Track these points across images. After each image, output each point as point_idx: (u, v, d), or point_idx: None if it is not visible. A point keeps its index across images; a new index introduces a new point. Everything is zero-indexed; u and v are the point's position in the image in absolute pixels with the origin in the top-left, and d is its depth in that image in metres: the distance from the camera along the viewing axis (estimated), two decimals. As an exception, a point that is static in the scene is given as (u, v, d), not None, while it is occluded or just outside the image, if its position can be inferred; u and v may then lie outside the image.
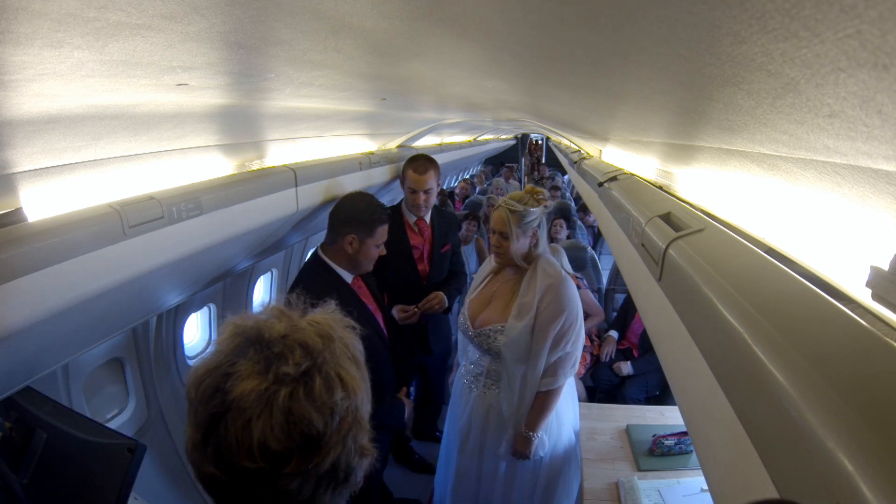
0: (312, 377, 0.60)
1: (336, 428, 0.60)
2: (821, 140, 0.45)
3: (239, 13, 0.59)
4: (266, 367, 0.59)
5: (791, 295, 0.53)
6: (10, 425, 1.30)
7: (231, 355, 0.61)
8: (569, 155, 4.85)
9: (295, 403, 0.58)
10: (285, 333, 0.62)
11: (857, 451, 0.32)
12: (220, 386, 0.59)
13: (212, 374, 0.60)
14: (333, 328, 0.67)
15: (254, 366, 0.60)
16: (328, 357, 0.62)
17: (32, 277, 0.95)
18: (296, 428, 0.58)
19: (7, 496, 1.21)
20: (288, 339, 0.62)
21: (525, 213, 1.81)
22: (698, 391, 0.67)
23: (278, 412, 0.57)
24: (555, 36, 0.64)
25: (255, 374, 0.59)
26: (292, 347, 0.61)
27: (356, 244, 1.78)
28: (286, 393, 0.58)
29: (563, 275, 1.85)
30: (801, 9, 0.30)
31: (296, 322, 0.65)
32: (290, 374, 0.59)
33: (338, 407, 0.60)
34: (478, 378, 1.98)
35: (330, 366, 0.62)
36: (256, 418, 0.57)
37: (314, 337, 0.63)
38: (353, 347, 0.68)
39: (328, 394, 0.60)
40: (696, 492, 1.78)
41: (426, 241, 2.53)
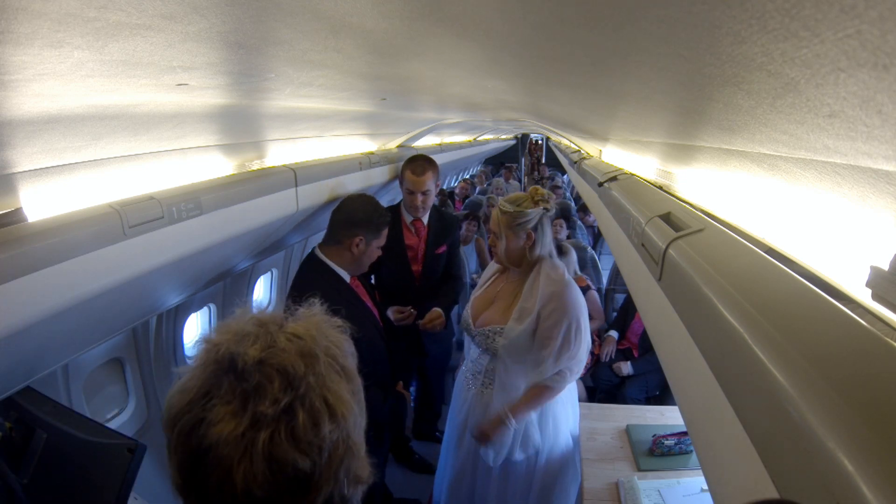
0: (294, 413, 0.54)
1: (326, 464, 0.56)
2: (821, 140, 0.45)
3: (239, 13, 0.59)
4: (242, 403, 0.54)
5: (791, 295, 0.53)
6: (10, 425, 1.30)
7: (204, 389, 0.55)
8: (569, 155, 4.85)
9: (276, 448, 0.53)
10: (261, 358, 0.56)
11: (857, 451, 0.32)
12: (196, 428, 0.54)
13: (186, 415, 0.55)
14: (317, 340, 0.60)
15: (227, 406, 0.54)
16: (312, 382, 0.56)
17: (32, 277, 0.95)
18: (280, 473, 0.53)
19: (7, 496, 1.21)
20: (265, 367, 0.55)
21: (517, 214, 1.78)
22: (698, 391, 0.67)
23: (259, 459, 0.53)
24: (555, 36, 0.64)
25: (231, 416, 0.53)
26: (270, 377, 0.55)
27: (363, 245, 1.79)
28: (265, 437, 0.53)
29: (567, 279, 1.82)
30: (801, 9, 0.30)
31: (274, 339, 0.58)
32: (268, 414, 0.53)
33: (326, 442, 0.55)
34: (476, 376, 1.98)
35: (315, 393, 0.56)
36: (237, 465, 0.53)
37: (295, 359, 0.57)
38: (341, 356, 0.62)
39: (314, 430, 0.55)
40: (696, 492, 1.78)
41: (421, 242, 2.52)
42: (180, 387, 0.57)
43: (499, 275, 2.04)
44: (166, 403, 0.58)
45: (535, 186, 1.91)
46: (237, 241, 1.72)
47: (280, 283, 3.12)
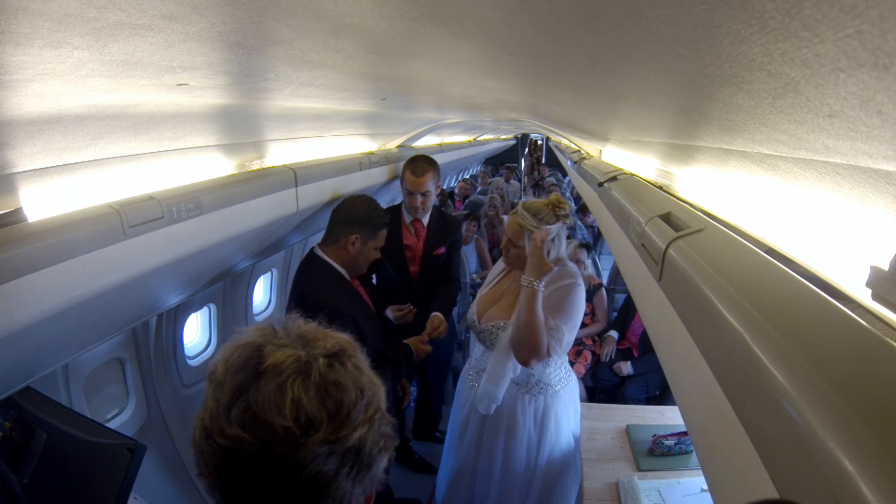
0: (345, 360, 0.63)
1: (365, 406, 0.62)
2: (821, 140, 0.45)
3: (239, 13, 0.59)
4: (303, 345, 0.62)
5: (791, 295, 0.53)
6: (10, 425, 1.30)
7: (260, 341, 0.62)
8: (569, 155, 4.85)
9: (331, 372, 0.60)
10: (316, 331, 0.66)
11: (857, 451, 0.32)
12: (254, 357, 0.60)
13: (244, 348, 0.61)
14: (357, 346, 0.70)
15: (290, 341, 0.62)
16: (353, 353, 0.66)
17: (32, 277, 0.95)
18: (329, 395, 0.59)
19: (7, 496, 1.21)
20: (318, 333, 0.66)
21: (539, 230, 1.76)
22: (698, 391, 0.67)
23: (316, 375, 0.59)
24: (555, 36, 0.64)
25: (291, 347, 0.61)
26: (323, 338, 0.64)
27: (358, 244, 1.80)
28: (325, 361, 0.60)
29: (575, 281, 1.81)
30: (801, 9, 0.30)
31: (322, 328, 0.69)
32: (326, 349, 0.62)
33: (366, 389, 0.63)
34: (480, 374, 1.99)
35: (356, 359, 0.65)
36: (292, 381, 0.58)
37: (341, 339, 0.67)
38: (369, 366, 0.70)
39: (358, 373, 0.63)
40: (696, 492, 1.78)
41: (420, 243, 2.51)
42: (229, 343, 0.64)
43: (505, 273, 2.04)
44: (219, 353, 0.63)
45: (557, 195, 1.85)
46: (237, 241, 1.72)
47: (280, 283, 3.12)
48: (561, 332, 1.74)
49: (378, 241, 1.86)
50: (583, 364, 3.21)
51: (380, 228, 1.85)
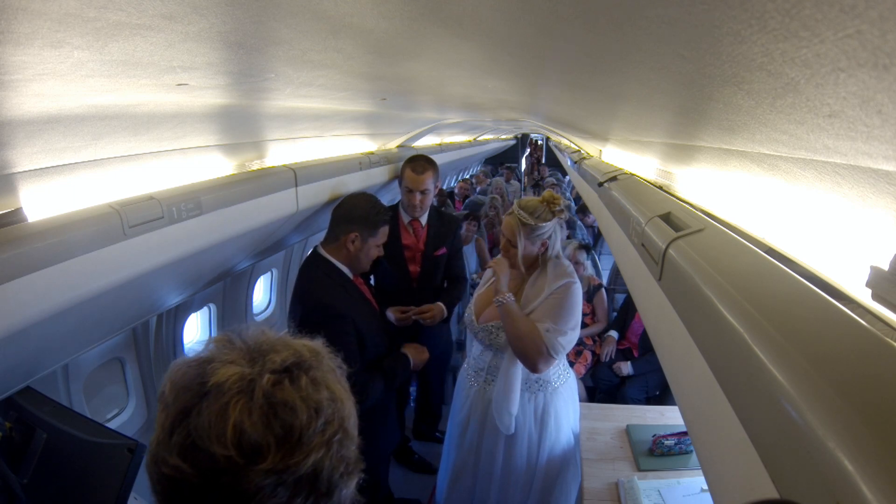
0: (298, 374, 0.56)
1: (322, 427, 0.55)
2: (821, 140, 0.45)
3: (239, 13, 0.59)
4: (251, 360, 0.56)
5: (791, 295, 0.53)
6: (10, 425, 1.30)
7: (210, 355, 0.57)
8: (569, 155, 4.85)
9: (279, 391, 0.54)
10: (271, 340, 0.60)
11: (857, 451, 0.32)
12: (200, 375, 0.54)
13: (191, 366, 0.56)
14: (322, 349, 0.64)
15: (239, 356, 0.56)
16: (314, 364, 0.59)
17: (32, 277, 0.95)
18: (276, 416, 0.53)
19: (7, 496, 1.21)
20: (275, 343, 0.59)
21: (535, 228, 1.80)
22: (698, 391, 0.67)
23: (259, 396, 0.53)
24: (555, 36, 0.64)
25: (241, 364, 0.55)
26: (277, 349, 0.58)
27: (358, 242, 1.80)
28: (271, 379, 0.54)
29: (570, 281, 1.83)
30: (801, 9, 0.30)
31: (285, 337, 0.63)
32: (275, 364, 0.55)
33: (324, 407, 0.56)
34: (479, 373, 1.99)
35: (317, 371, 0.58)
36: (234, 403, 0.52)
37: (302, 348, 0.60)
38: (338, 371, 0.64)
39: (314, 390, 0.56)
40: (696, 492, 1.78)
41: (420, 243, 2.51)
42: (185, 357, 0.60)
43: None
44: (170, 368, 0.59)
45: (550, 192, 1.88)
46: (237, 241, 1.72)
47: (280, 283, 3.12)
48: (560, 332, 1.75)
49: (379, 238, 1.85)
50: (583, 364, 3.21)
51: (380, 225, 1.84)
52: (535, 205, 1.82)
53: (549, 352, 1.73)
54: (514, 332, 1.76)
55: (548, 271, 1.85)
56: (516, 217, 1.82)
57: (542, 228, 1.81)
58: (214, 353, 0.57)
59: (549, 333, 1.73)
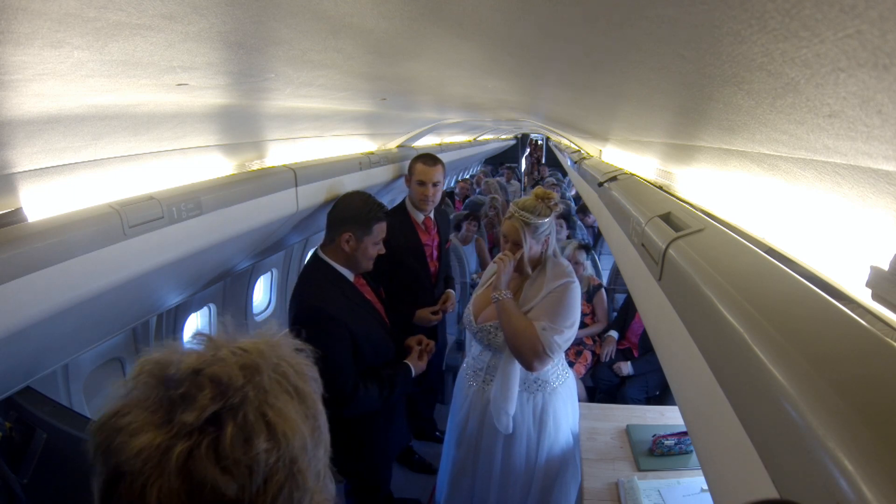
0: (222, 425, 0.47)
1: (259, 490, 0.47)
2: (821, 140, 0.45)
3: (239, 13, 0.59)
4: (167, 414, 0.47)
5: (791, 295, 0.53)
6: (10, 425, 1.30)
7: (130, 400, 0.49)
8: (569, 155, 4.85)
9: (195, 463, 0.45)
10: (198, 367, 0.49)
11: (857, 451, 0.32)
12: (111, 443, 0.47)
13: (103, 430, 0.48)
14: (266, 355, 0.53)
15: (150, 415, 0.47)
16: (251, 395, 0.49)
17: (32, 277, 0.95)
18: (197, 494, 0.45)
19: (7, 496, 1.21)
20: (199, 376, 0.48)
21: (538, 225, 1.82)
22: (698, 391, 0.67)
23: (173, 475, 0.45)
24: (555, 36, 0.64)
25: (151, 427, 0.47)
26: (201, 385, 0.48)
27: (353, 242, 1.78)
28: (183, 450, 0.45)
29: (570, 280, 1.83)
30: (801, 9, 0.30)
31: (217, 351, 0.52)
32: (189, 423, 0.46)
33: (259, 463, 0.47)
34: (478, 373, 1.99)
35: (251, 406, 0.48)
36: (151, 484, 0.45)
37: (234, 370, 0.50)
38: (295, 377, 0.55)
39: (244, 447, 0.47)
40: (696, 492, 1.78)
41: (435, 238, 2.55)
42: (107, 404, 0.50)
43: None
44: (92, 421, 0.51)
45: (539, 188, 1.92)
46: (237, 241, 1.72)
47: (280, 283, 3.12)
48: (556, 331, 1.75)
49: (375, 237, 1.82)
50: (583, 364, 3.21)
51: (373, 223, 1.80)
52: (533, 203, 1.85)
53: (545, 350, 1.73)
54: (511, 330, 1.76)
55: (546, 271, 1.85)
56: (518, 219, 1.82)
57: (544, 225, 1.84)
58: (129, 404, 0.49)
59: (545, 332, 1.73)
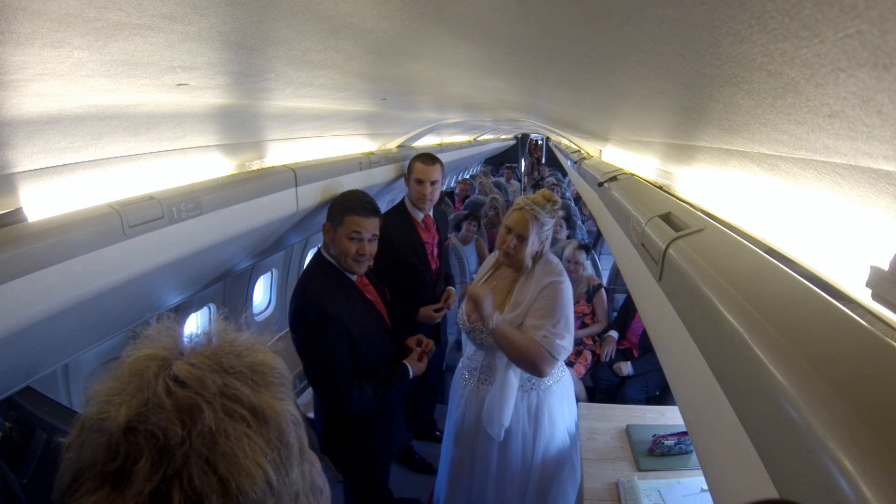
0: (169, 498, 0.42)
1: None
2: (821, 140, 0.45)
3: (239, 13, 0.59)
4: (112, 492, 0.42)
5: (791, 295, 0.53)
6: (10, 425, 1.30)
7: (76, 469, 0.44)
8: (569, 155, 4.85)
9: None
10: (132, 424, 0.44)
11: (857, 451, 0.32)
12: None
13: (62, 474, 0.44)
14: (206, 382, 0.47)
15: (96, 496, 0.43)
16: (196, 445, 0.43)
17: (32, 277, 0.95)
18: None
19: (7, 496, 1.21)
20: (134, 435, 0.43)
21: (545, 222, 1.84)
22: (698, 391, 0.67)
23: None
24: (555, 36, 0.64)
25: (102, 480, 0.42)
26: (139, 450, 0.43)
27: (331, 233, 1.78)
28: None
29: (561, 277, 1.85)
30: (801, 9, 0.30)
31: (153, 390, 0.45)
32: (139, 489, 0.41)
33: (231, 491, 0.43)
34: (473, 372, 2.00)
35: (197, 463, 0.43)
36: None
37: (172, 419, 0.44)
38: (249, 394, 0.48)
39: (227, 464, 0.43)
40: (696, 492, 1.78)
41: (436, 236, 2.56)
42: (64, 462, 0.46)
43: (493, 271, 2.06)
44: None
45: (543, 190, 1.93)
46: (237, 241, 1.72)
47: (280, 283, 3.12)
48: (557, 335, 1.77)
49: (347, 228, 1.75)
50: (583, 364, 3.21)
51: (345, 214, 1.75)
52: (542, 201, 1.88)
53: (552, 355, 1.75)
54: (515, 350, 1.77)
55: (536, 270, 1.86)
56: (530, 212, 1.83)
57: (550, 223, 1.86)
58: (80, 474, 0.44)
59: (546, 339, 1.75)
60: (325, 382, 1.72)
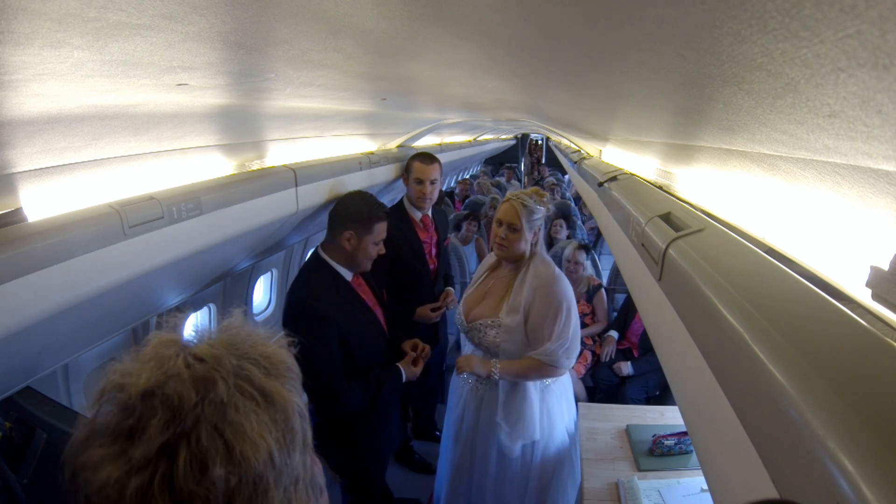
0: (175, 455, 0.44)
1: None
2: (821, 140, 0.45)
3: (239, 13, 0.59)
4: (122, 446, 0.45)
5: (791, 295, 0.53)
6: (10, 425, 1.30)
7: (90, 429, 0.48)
8: (569, 155, 4.85)
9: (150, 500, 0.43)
10: (148, 389, 0.47)
11: (857, 451, 0.32)
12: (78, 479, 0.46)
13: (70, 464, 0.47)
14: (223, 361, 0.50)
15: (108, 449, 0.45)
16: (206, 413, 0.46)
17: (32, 277, 0.95)
18: None
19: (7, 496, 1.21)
20: (151, 399, 0.46)
21: (534, 210, 1.86)
22: (698, 391, 0.67)
23: None
24: (554, 36, 0.64)
25: (109, 461, 0.45)
26: (154, 410, 0.45)
27: (354, 241, 1.79)
28: (137, 486, 0.43)
29: (555, 274, 1.86)
30: (801, 9, 0.30)
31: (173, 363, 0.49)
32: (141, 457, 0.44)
33: (217, 490, 0.44)
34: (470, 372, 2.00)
35: (206, 427, 0.45)
36: None
37: (186, 386, 0.47)
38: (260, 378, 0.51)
39: (199, 475, 0.44)
40: (696, 492, 1.78)
41: (434, 236, 2.56)
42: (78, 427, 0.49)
43: (490, 272, 2.06)
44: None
45: (534, 187, 1.96)
46: (237, 241, 1.72)
47: (280, 283, 3.12)
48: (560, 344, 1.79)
49: (375, 236, 1.83)
50: (583, 364, 3.21)
51: (374, 222, 1.82)
52: (530, 192, 1.92)
53: (556, 366, 1.82)
54: (525, 378, 1.88)
55: (531, 270, 1.87)
56: (519, 201, 1.86)
57: (539, 212, 1.87)
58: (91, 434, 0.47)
59: (549, 356, 1.80)
60: (315, 381, 1.72)
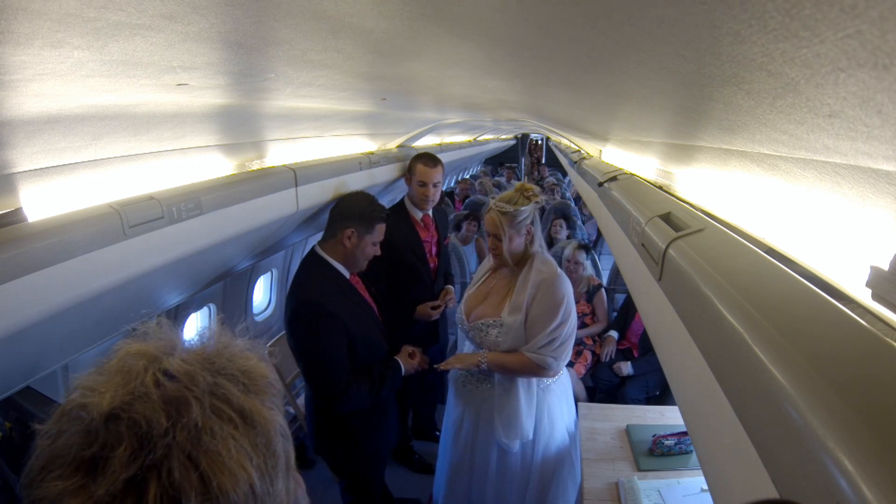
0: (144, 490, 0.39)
1: None
2: (821, 140, 0.45)
3: (239, 13, 0.59)
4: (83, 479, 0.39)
5: (791, 295, 0.53)
6: (10, 425, 1.30)
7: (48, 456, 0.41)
8: (569, 155, 4.85)
9: None
10: (115, 411, 0.41)
11: (857, 451, 0.32)
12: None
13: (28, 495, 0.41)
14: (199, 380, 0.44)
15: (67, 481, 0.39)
16: (179, 440, 0.41)
17: (32, 277, 0.95)
18: None
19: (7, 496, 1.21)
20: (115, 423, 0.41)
21: (516, 213, 1.83)
22: (698, 391, 0.67)
23: None
24: (555, 36, 0.64)
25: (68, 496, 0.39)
26: (120, 438, 0.40)
27: (355, 238, 1.80)
28: None
29: (557, 272, 1.86)
30: (801, 9, 0.30)
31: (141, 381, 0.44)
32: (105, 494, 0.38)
33: None
34: (471, 372, 2.00)
35: (178, 457, 0.40)
36: None
37: (156, 409, 0.41)
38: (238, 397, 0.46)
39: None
40: (696, 492, 1.78)
41: (435, 235, 2.57)
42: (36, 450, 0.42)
43: (491, 272, 2.06)
44: None
45: (520, 183, 1.95)
46: (237, 241, 1.72)
47: (280, 283, 3.12)
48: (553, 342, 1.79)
49: (375, 236, 1.86)
50: (583, 364, 3.21)
51: (376, 222, 1.84)
52: (510, 195, 1.89)
53: (544, 367, 1.81)
54: (511, 372, 1.87)
55: (533, 268, 1.87)
56: (495, 210, 1.85)
57: (523, 213, 1.84)
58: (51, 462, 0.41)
59: (536, 353, 1.80)
60: (322, 380, 1.73)
